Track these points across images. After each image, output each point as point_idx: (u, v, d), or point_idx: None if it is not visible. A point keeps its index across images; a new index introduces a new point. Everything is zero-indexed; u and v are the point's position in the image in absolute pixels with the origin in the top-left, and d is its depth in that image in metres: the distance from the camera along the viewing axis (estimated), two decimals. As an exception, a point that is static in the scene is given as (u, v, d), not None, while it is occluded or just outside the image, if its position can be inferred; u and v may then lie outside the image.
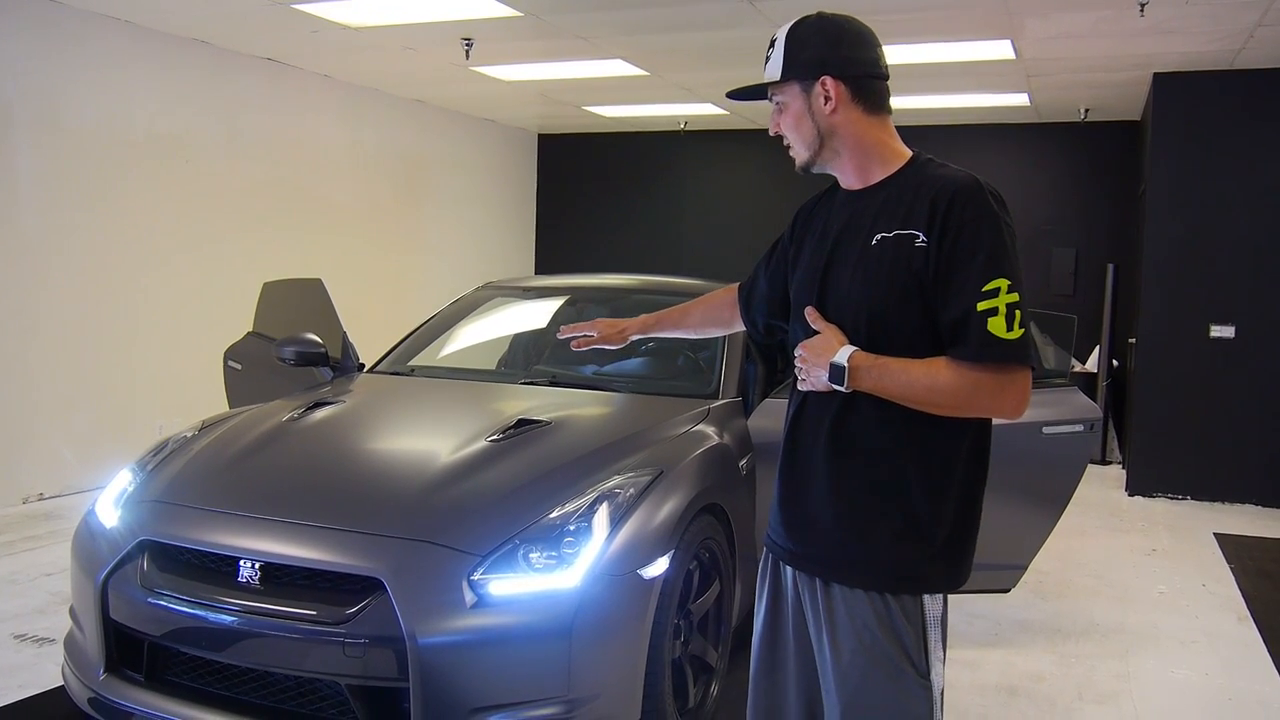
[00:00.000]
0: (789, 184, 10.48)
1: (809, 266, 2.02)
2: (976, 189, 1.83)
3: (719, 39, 6.61)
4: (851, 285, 1.90)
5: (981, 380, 1.76)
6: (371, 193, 9.09)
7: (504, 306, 5.00)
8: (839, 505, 1.90)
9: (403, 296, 9.35)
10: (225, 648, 2.79)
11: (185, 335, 7.09)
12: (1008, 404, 1.79)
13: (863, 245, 1.89)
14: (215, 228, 7.41)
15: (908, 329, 1.83)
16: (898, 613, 1.86)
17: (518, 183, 11.31)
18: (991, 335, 1.74)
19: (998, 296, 1.74)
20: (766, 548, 2.10)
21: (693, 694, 3.19)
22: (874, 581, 1.87)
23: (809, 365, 1.90)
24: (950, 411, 1.81)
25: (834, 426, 1.90)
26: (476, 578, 2.70)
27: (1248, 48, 6.50)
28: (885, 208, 1.90)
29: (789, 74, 1.95)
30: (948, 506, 1.87)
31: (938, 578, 1.89)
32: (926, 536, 1.86)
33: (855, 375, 1.82)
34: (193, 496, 3.11)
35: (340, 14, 6.20)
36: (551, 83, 8.29)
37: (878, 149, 1.95)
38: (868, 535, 1.88)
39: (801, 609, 1.99)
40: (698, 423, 3.61)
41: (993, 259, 1.77)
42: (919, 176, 1.90)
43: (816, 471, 1.94)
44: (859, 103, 1.93)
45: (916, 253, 1.81)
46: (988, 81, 7.72)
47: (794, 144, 2.01)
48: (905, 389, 1.80)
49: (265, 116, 7.84)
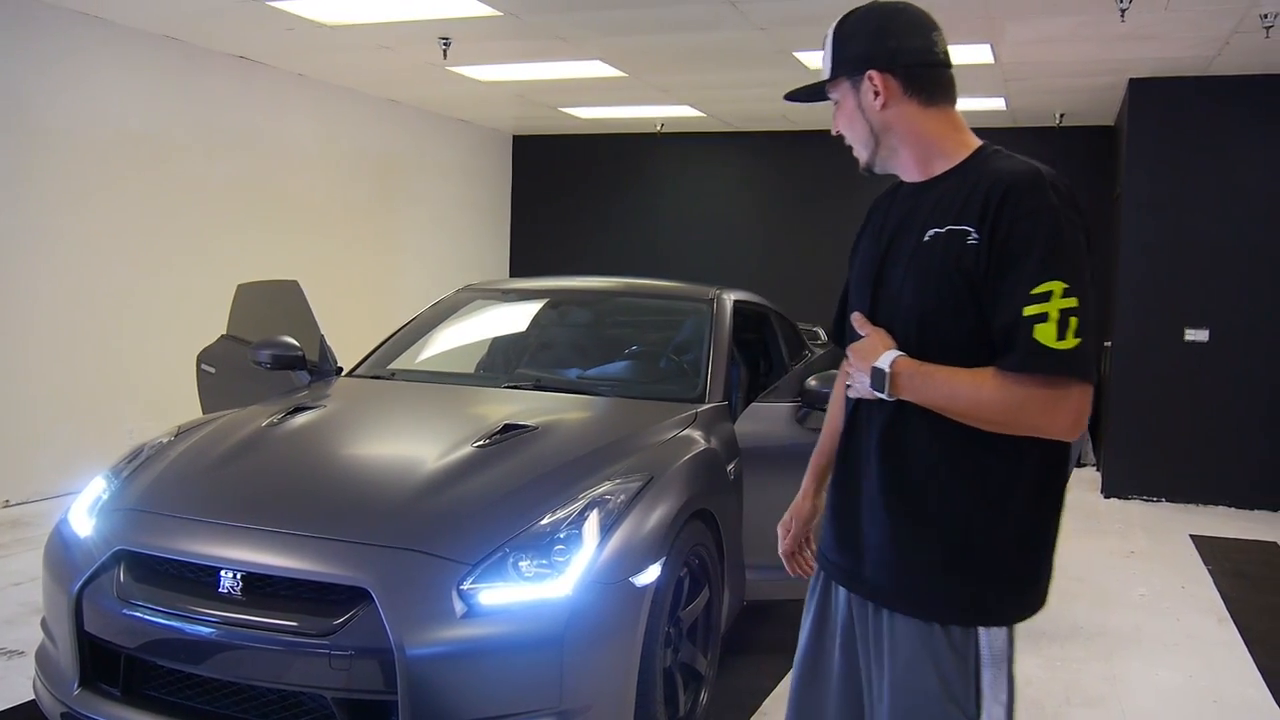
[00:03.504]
0: (765, 186, 10.51)
1: (863, 266, 1.90)
2: (1035, 180, 1.67)
3: (699, 40, 6.58)
4: (903, 286, 1.77)
5: (1029, 394, 1.61)
6: (346, 193, 8.99)
7: (483, 309, 4.93)
8: (888, 524, 1.76)
9: (378, 298, 9.26)
10: (205, 660, 2.71)
11: (156, 337, 6.97)
12: (1060, 422, 1.63)
13: (915, 242, 1.77)
14: (187, 228, 7.28)
15: (961, 335, 1.69)
16: (944, 645, 1.71)
17: (493, 184, 11.23)
18: (1038, 344, 1.59)
19: (1049, 300, 1.59)
20: (818, 563, 1.99)
21: (683, 702, 3.15)
22: (921, 610, 1.73)
23: (854, 370, 1.79)
24: (997, 428, 1.66)
25: (883, 438, 1.77)
26: (466, 587, 2.65)
27: (1223, 54, 6.55)
28: (941, 202, 1.76)
29: (837, 71, 1.86)
30: (1006, 532, 1.71)
31: (994, 610, 1.72)
32: (980, 564, 1.71)
33: (897, 382, 1.70)
34: (170, 504, 3.03)
35: (316, 12, 6.12)
36: (529, 83, 8.23)
37: (939, 142, 1.81)
38: (915, 559, 1.74)
39: (851, 627, 1.87)
40: (685, 427, 3.56)
41: (1047, 258, 1.61)
42: (981, 168, 1.76)
43: (866, 485, 1.81)
44: (913, 95, 1.80)
45: (968, 251, 1.68)
46: (965, 85, 7.60)
47: (852, 143, 1.90)
48: (949, 400, 1.67)
49: (238, 115, 7.73)
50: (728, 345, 4.15)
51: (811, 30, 6.08)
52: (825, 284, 10.04)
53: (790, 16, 5.84)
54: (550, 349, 4.68)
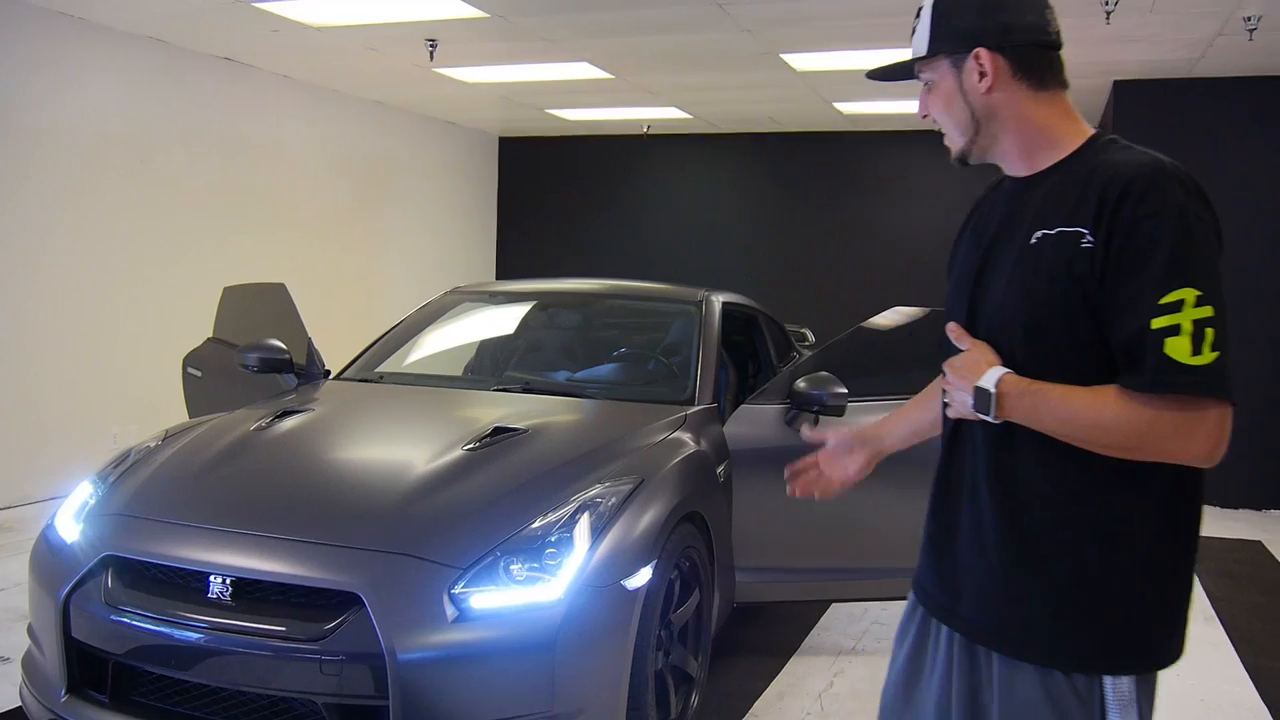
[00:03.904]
0: (752, 188, 10.52)
1: (962, 272, 1.72)
2: (1158, 174, 1.49)
3: (686, 42, 6.58)
4: (1007, 294, 1.59)
5: (1160, 417, 1.43)
6: (332, 195, 8.96)
7: (471, 312, 4.92)
8: (996, 559, 1.60)
9: (365, 301, 9.23)
10: (194, 666, 2.70)
11: (142, 341, 6.93)
12: (1195, 447, 1.45)
13: (1021, 244, 1.59)
14: (172, 230, 7.25)
15: (1073, 349, 1.52)
16: (1068, 694, 1.53)
17: (479, 186, 11.21)
18: (1172, 361, 1.41)
19: (1181, 310, 1.41)
20: (913, 593, 1.82)
21: (674, 704, 3.15)
22: (1039, 654, 1.55)
23: (953, 388, 1.61)
24: (1122, 453, 1.48)
25: (989, 462, 1.61)
26: (457, 591, 2.64)
27: (1207, 56, 6.59)
28: (1050, 199, 1.58)
29: (936, 47, 1.66)
30: (1132, 569, 1.53)
31: (1120, 656, 1.54)
32: (1100, 606, 1.53)
33: (1004, 403, 1.52)
34: (159, 509, 3.01)
35: (301, 13, 6.10)
36: (515, 85, 8.23)
37: (1047, 131, 1.63)
38: (1027, 599, 1.57)
39: (951, 668, 1.69)
40: (675, 430, 3.56)
41: (1176, 263, 1.43)
42: (1094, 161, 1.57)
43: (969, 515, 1.64)
44: (1022, 77, 1.62)
45: (1081, 255, 1.49)
46: (951, 87, 7.75)
47: (946, 129, 1.70)
48: (1064, 423, 1.49)
49: (224, 117, 7.69)
50: (716, 347, 4.15)
51: (798, 32, 6.10)
52: (812, 285, 10.10)
53: (777, 18, 5.85)
54: (539, 351, 4.68)
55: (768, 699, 3.72)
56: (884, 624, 4.54)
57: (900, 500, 4.02)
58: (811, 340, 6.87)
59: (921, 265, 9.33)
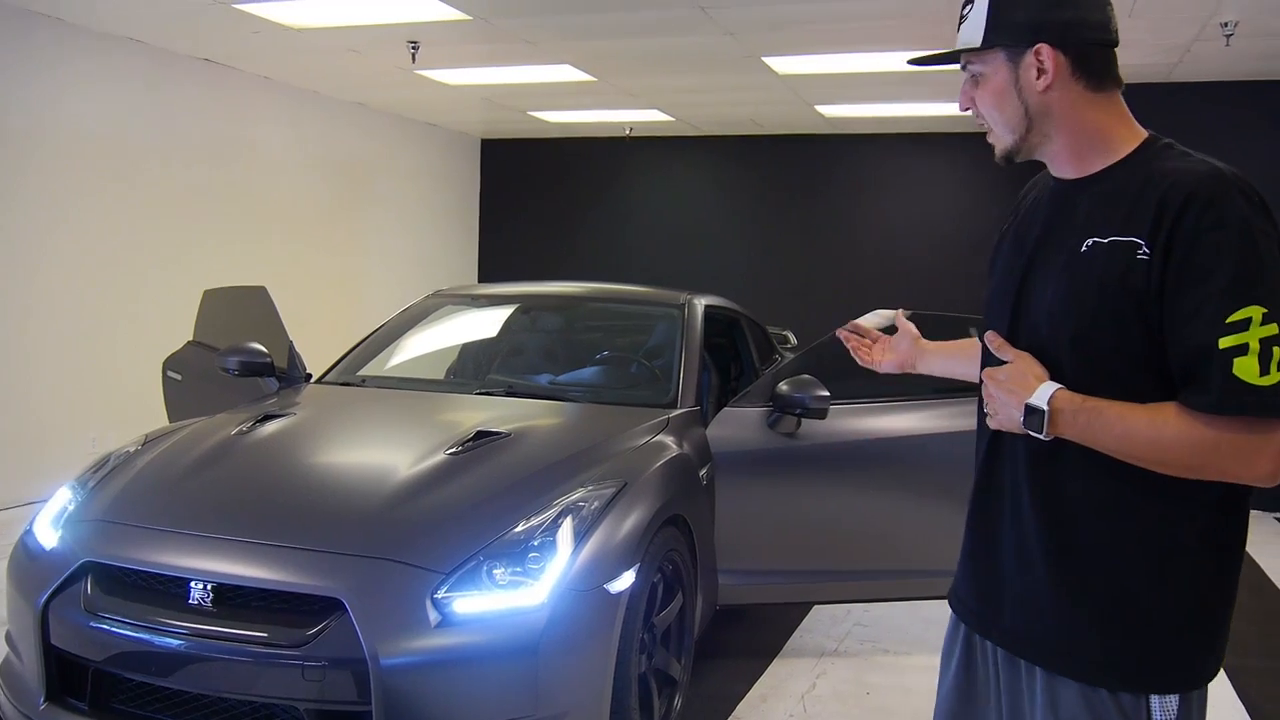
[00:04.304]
0: (734, 190, 10.53)
1: (1003, 277, 1.67)
2: (1220, 185, 1.44)
3: (669, 45, 6.59)
4: (1055, 302, 1.53)
5: (1224, 438, 1.39)
6: (314, 197, 8.93)
7: (453, 315, 4.91)
8: (1040, 572, 1.57)
9: (346, 304, 9.20)
10: (175, 673, 2.69)
11: (122, 344, 6.88)
12: (1260, 469, 1.41)
13: (1070, 252, 1.53)
14: (152, 232, 7.20)
15: (1123, 360, 1.48)
16: (1114, 713, 1.51)
17: (461, 188, 11.19)
18: (1240, 381, 1.36)
19: (1249, 329, 1.37)
20: (952, 609, 1.78)
21: (657, 707, 3.15)
22: (1084, 671, 1.53)
23: (997, 403, 1.56)
24: (1180, 472, 1.44)
25: (1033, 475, 1.57)
26: (440, 596, 2.63)
27: (1184, 61, 6.65)
28: (1102, 205, 1.53)
29: (994, 39, 1.57)
30: (1179, 588, 1.50)
31: (1166, 676, 1.51)
32: (1146, 623, 1.50)
33: (1058, 420, 1.47)
34: (139, 515, 2.99)
35: (282, 15, 6.07)
36: (497, 87, 8.22)
37: (1102, 132, 1.57)
38: (1072, 615, 1.54)
39: (999, 685, 1.66)
40: (658, 433, 3.56)
41: (1242, 279, 1.38)
42: (1149, 167, 1.51)
43: (1011, 526, 1.61)
44: (1081, 77, 1.54)
45: (1136, 266, 1.44)
46: (931, 90, 7.80)
47: (993, 125, 1.62)
48: (1121, 441, 1.45)
49: (204, 119, 7.65)
50: (699, 350, 4.16)
51: (780, 35, 6.12)
52: (794, 287, 10.11)
53: (760, 21, 5.86)
54: (521, 355, 4.67)
55: (750, 701, 3.73)
56: (866, 625, 4.56)
57: (881, 503, 4.06)
58: (794, 342, 6.89)
59: (903, 267, 9.37)
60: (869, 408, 4.09)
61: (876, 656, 4.22)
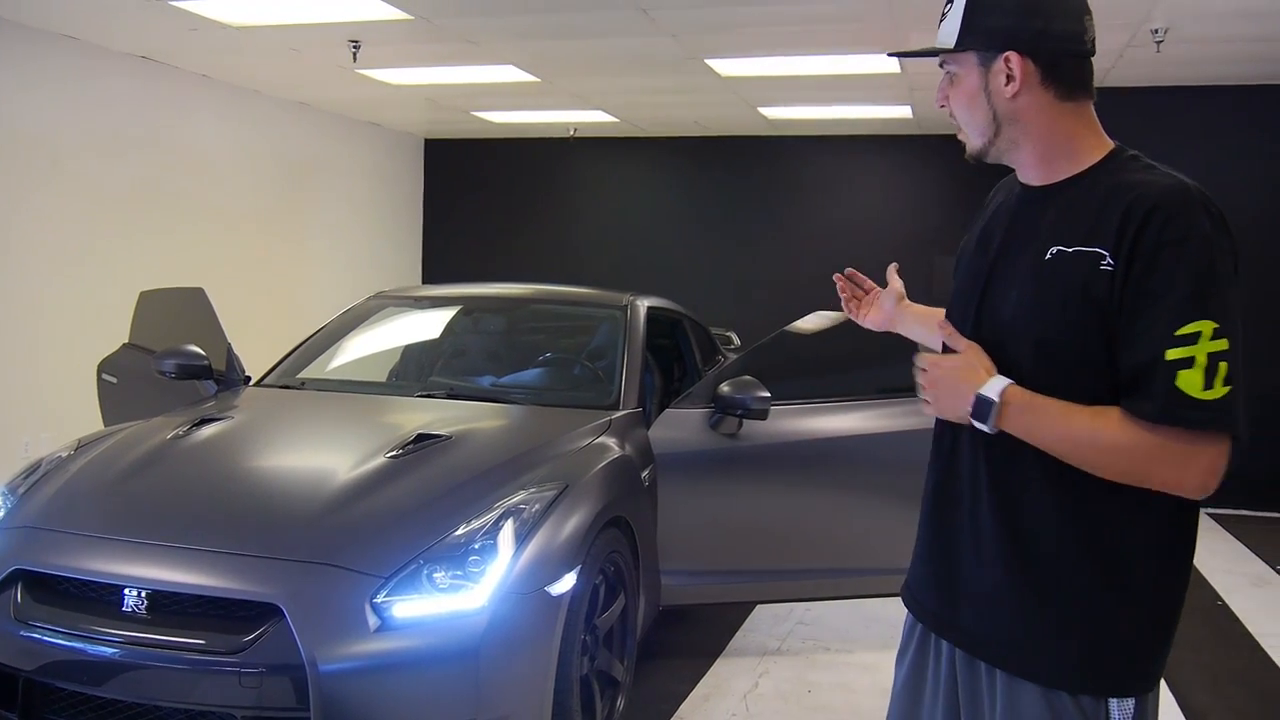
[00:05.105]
0: (677, 191, 10.56)
1: (966, 280, 1.68)
2: (1184, 200, 1.45)
3: (612, 46, 6.60)
4: (1017, 308, 1.55)
5: (1162, 447, 1.41)
6: (253, 198, 8.80)
7: (395, 317, 4.88)
8: (997, 570, 1.57)
9: (286, 306, 9.08)
10: (109, 681, 2.65)
11: (54, 347, 6.73)
12: (1190, 480, 1.43)
13: (1035, 258, 1.54)
14: (86, 233, 7.06)
15: (1084, 368, 1.49)
16: (1074, 715, 1.51)
17: (404, 189, 11.10)
18: (1182, 393, 1.39)
19: (1197, 343, 1.39)
20: (908, 608, 1.78)
21: (600, 708, 3.16)
22: (1045, 674, 1.53)
23: (939, 390, 1.58)
24: (1115, 477, 1.47)
25: (992, 478, 1.57)
26: (379, 600, 2.62)
27: (1117, 67, 6.80)
28: (1067, 214, 1.54)
29: (966, 42, 1.58)
30: (1136, 591, 1.52)
31: (1124, 678, 1.53)
32: (1104, 627, 1.52)
33: (1006, 413, 1.50)
34: (71, 521, 2.95)
35: (220, 12, 5.98)
36: (440, 87, 8.17)
37: (1069, 141, 1.58)
38: (1030, 616, 1.55)
39: (955, 682, 1.66)
40: (599, 435, 3.57)
41: (1196, 294, 1.40)
42: (1114, 178, 1.52)
43: (968, 527, 1.62)
44: (1051, 85, 1.55)
45: (1100, 277, 1.46)
46: (873, 94, 7.89)
47: (964, 126, 1.65)
48: (1062, 441, 1.48)
49: (139, 117, 7.51)
50: (641, 352, 4.17)
51: (722, 38, 6.16)
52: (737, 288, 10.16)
53: (701, 24, 5.89)
54: (463, 357, 4.66)
55: (693, 700, 3.75)
56: (807, 624, 4.60)
57: (822, 503, 4.11)
58: (736, 343, 6.94)
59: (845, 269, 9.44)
60: (810, 408, 4.13)
61: (818, 655, 4.27)
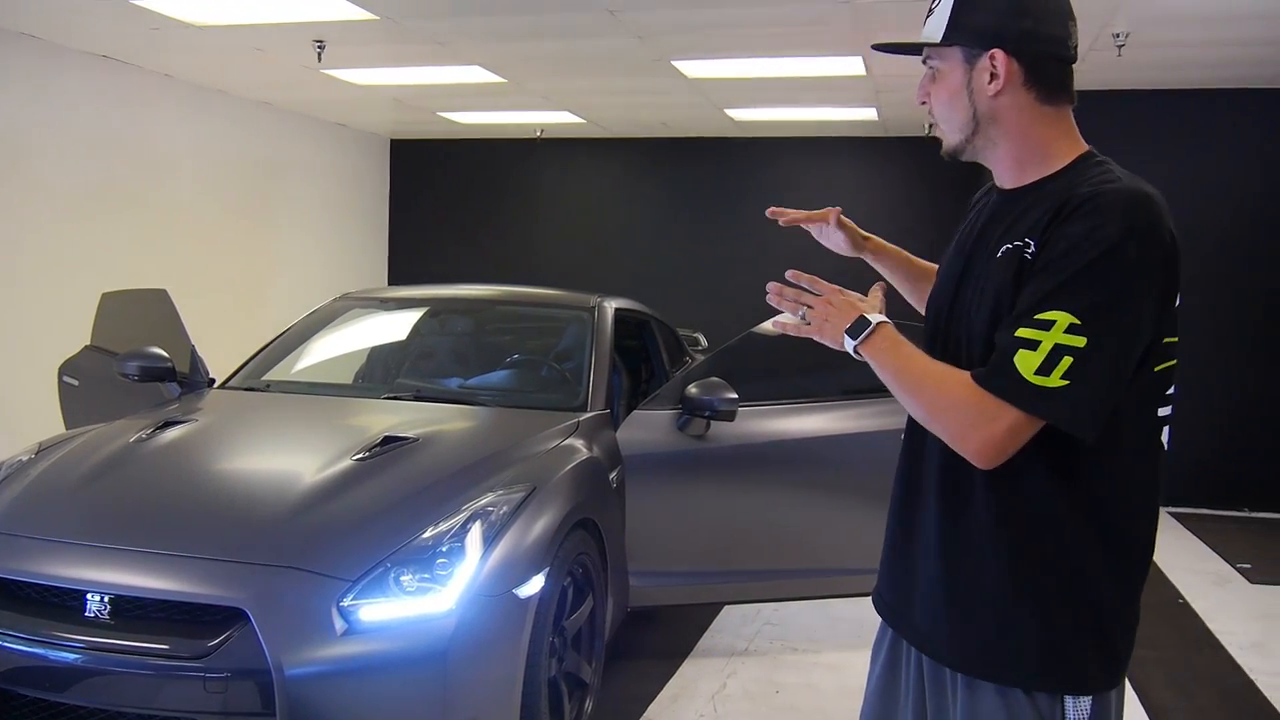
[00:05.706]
0: (645, 192, 10.58)
1: (944, 277, 1.71)
2: (1113, 203, 1.45)
3: (579, 48, 6.60)
4: (972, 305, 1.58)
5: (967, 401, 1.46)
6: (217, 198, 8.72)
7: (361, 318, 4.86)
8: (943, 573, 1.59)
9: (251, 307, 9.00)
10: (71, 688, 2.63)
11: (14, 349, 6.64)
12: (974, 439, 1.46)
13: (989, 257, 1.57)
14: (46, 233, 6.96)
15: None
16: (1030, 713, 1.52)
17: (370, 190, 11.04)
18: (1012, 366, 1.42)
19: (1048, 330, 1.40)
20: (874, 606, 1.79)
21: (568, 710, 3.17)
22: (997, 672, 1.54)
23: (831, 311, 1.62)
24: (919, 412, 1.54)
25: (944, 468, 1.59)
26: (346, 604, 2.62)
27: (1079, 71, 6.82)
28: (1024, 215, 1.55)
29: (953, 37, 1.58)
30: (1085, 589, 1.52)
31: (1075, 676, 1.52)
32: (1052, 625, 1.52)
33: (875, 337, 1.55)
34: (32, 526, 2.91)
35: (183, 11, 5.92)
36: (406, 88, 8.13)
37: (1045, 145, 1.58)
38: (981, 612, 1.56)
39: (923, 686, 1.67)
40: (567, 436, 3.58)
41: (1067, 286, 1.41)
42: (1072, 180, 1.54)
43: (927, 521, 1.63)
44: (1033, 87, 1.56)
45: (1025, 266, 1.49)
46: (838, 96, 7.94)
47: (942, 122, 1.64)
48: (903, 372, 1.54)
49: (101, 117, 7.41)
50: (609, 353, 4.18)
51: (689, 39, 6.17)
52: (705, 289, 10.19)
53: (668, 26, 5.90)
54: (430, 358, 4.65)
55: (661, 701, 3.76)
56: (775, 624, 4.63)
57: (789, 504, 4.13)
58: (704, 344, 6.96)
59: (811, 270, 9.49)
60: (777, 409, 4.15)
61: (785, 655, 4.29)
